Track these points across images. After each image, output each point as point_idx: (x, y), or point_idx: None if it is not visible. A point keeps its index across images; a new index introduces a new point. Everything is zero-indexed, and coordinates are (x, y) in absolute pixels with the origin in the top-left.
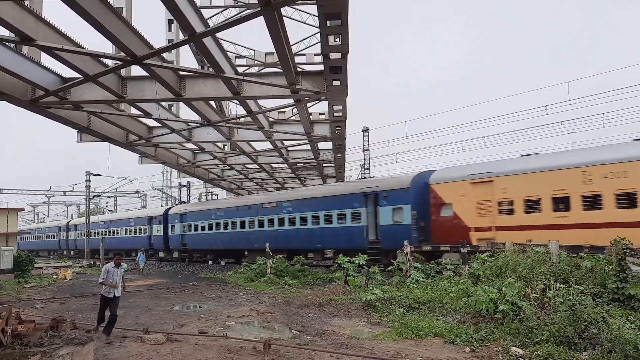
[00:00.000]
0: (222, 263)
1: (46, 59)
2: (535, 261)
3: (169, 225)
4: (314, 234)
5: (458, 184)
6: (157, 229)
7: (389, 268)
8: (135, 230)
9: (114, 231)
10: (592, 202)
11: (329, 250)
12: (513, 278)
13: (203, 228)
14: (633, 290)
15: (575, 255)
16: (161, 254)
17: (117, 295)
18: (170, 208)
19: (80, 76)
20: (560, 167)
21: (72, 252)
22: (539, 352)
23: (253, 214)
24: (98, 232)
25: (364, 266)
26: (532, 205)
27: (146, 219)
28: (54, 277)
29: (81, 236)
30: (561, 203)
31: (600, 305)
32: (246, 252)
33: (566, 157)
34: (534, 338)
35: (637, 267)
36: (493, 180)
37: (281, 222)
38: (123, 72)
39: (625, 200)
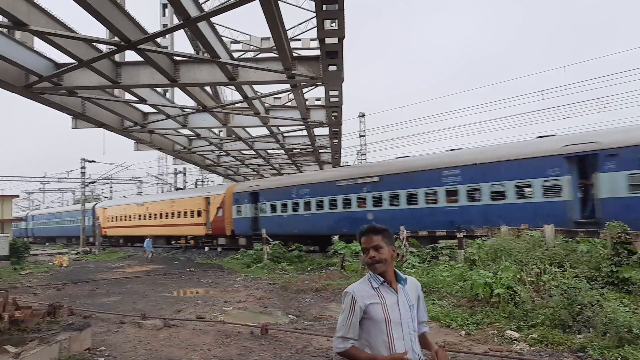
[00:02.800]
0: (219, 250)
1: (39, 44)
2: (530, 245)
3: (30, 222)
4: (65, 229)
5: (101, 209)
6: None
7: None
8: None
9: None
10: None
11: (74, 236)
12: (508, 262)
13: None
14: (627, 274)
15: (570, 240)
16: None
17: None
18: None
19: (74, 61)
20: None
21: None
22: (534, 335)
23: (56, 218)
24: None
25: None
26: (117, 219)
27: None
28: (50, 264)
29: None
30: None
31: (594, 289)
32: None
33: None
34: (529, 321)
35: None
36: (107, 208)
37: (64, 222)
38: (117, 57)
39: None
